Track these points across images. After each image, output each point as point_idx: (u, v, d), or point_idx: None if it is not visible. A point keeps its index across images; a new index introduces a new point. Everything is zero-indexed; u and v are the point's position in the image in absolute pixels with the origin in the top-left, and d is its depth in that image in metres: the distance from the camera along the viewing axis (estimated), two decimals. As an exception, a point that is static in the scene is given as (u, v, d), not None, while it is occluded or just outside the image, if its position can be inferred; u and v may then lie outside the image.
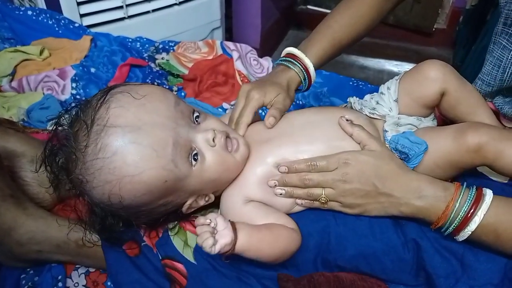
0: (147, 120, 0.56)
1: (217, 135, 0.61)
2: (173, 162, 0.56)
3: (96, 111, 0.56)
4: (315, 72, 0.77)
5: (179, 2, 1.52)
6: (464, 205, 0.58)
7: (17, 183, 0.72)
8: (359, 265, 0.63)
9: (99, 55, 1.13)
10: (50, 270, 0.68)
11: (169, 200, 0.60)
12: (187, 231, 0.65)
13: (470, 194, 0.58)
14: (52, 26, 1.21)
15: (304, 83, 0.77)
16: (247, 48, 1.18)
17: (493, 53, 0.72)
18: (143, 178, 0.55)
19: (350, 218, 0.65)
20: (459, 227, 0.58)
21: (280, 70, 0.76)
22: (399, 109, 0.71)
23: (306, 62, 0.75)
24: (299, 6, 2.44)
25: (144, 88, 0.59)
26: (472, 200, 0.58)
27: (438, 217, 0.59)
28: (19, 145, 0.75)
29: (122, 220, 0.61)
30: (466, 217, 0.57)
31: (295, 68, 0.75)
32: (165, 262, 0.64)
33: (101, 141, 0.54)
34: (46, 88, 1.04)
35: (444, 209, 0.58)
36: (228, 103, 1.04)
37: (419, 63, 0.71)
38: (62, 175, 0.59)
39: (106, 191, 0.56)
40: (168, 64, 1.13)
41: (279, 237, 0.60)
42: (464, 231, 0.58)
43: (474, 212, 0.57)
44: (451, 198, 0.59)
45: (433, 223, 0.60)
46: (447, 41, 2.13)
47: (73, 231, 0.65)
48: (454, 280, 0.60)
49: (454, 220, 0.58)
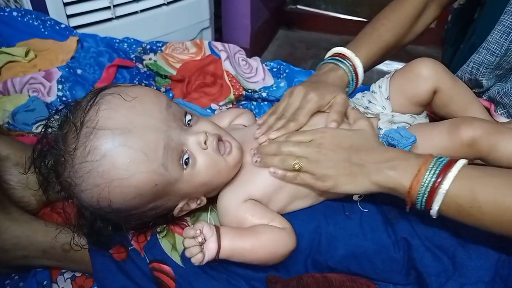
0: (138, 122, 0.55)
1: (209, 138, 0.60)
2: (163, 165, 0.56)
3: (86, 113, 0.55)
4: (363, 74, 0.75)
5: (167, 2, 1.52)
6: (435, 170, 0.55)
7: (1, 187, 0.70)
8: (349, 266, 0.63)
9: (85, 56, 1.11)
10: (35, 275, 0.67)
11: (159, 203, 0.60)
12: (176, 234, 0.64)
13: (442, 160, 0.56)
14: (38, 27, 1.19)
15: (352, 84, 0.75)
16: (236, 48, 1.17)
17: (502, 22, 0.72)
18: (132, 182, 0.54)
19: (341, 218, 0.64)
20: (432, 191, 0.54)
21: (329, 69, 0.74)
22: (392, 107, 0.71)
23: (355, 62, 0.74)
24: (289, 5, 2.45)
25: (135, 90, 0.58)
26: (444, 165, 0.55)
27: (410, 184, 0.56)
28: (3, 148, 0.73)
29: (112, 224, 0.60)
30: (437, 180, 0.54)
31: (344, 67, 0.73)
32: (153, 266, 0.63)
33: (90, 143, 0.53)
34: (32, 90, 1.02)
35: (416, 173, 0.55)
36: (216, 103, 1.03)
37: (410, 61, 0.71)
38: (51, 178, 0.58)
39: (95, 194, 0.55)
40: (155, 65, 1.12)
41: (265, 240, 0.60)
42: (438, 194, 0.54)
43: (447, 172, 0.54)
44: (422, 163, 0.56)
45: (407, 192, 0.56)
46: (435, 40, 2.14)
47: (59, 235, 0.64)
48: (445, 278, 0.60)
49: (426, 185, 0.54)
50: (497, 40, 0.73)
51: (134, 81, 1.07)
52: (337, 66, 0.73)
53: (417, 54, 2.53)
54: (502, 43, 0.72)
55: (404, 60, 2.52)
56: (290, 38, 2.42)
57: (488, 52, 0.75)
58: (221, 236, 0.58)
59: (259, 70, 1.13)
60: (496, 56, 0.74)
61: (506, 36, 0.71)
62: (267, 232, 0.60)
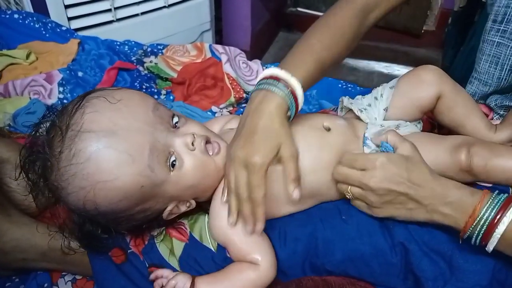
0: (123, 125, 0.55)
1: (196, 139, 0.60)
2: (149, 167, 0.55)
3: (71, 117, 0.55)
4: (303, 97, 0.62)
5: (168, 4, 1.52)
6: (492, 209, 0.55)
7: (2, 190, 0.71)
8: (347, 269, 0.63)
9: (86, 59, 1.12)
10: (35, 278, 0.68)
11: (147, 206, 0.59)
12: (173, 238, 0.64)
13: (499, 199, 0.56)
14: (39, 29, 1.20)
15: (292, 110, 0.61)
16: (236, 51, 1.18)
17: (485, 51, 0.74)
18: (118, 184, 0.54)
19: (337, 222, 0.64)
20: (486, 232, 0.55)
21: (262, 98, 0.60)
22: (388, 114, 0.72)
23: (293, 84, 0.60)
24: (289, 8, 2.45)
25: (121, 92, 0.58)
26: (500, 205, 0.55)
27: (465, 222, 0.57)
28: (4, 151, 0.73)
29: (101, 227, 0.60)
30: (493, 221, 0.55)
31: (279, 92, 0.59)
32: (152, 270, 0.63)
33: (75, 146, 0.53)
34: (33, 92, 1.02)
35: (471, 213, 0.56)
36: (217, 106, 1.03)
37: (414, 68, 0.73)
38: (41, 182, 0.58)
39: (81, 197, 0.55)
40: (156, 68, 1.12)
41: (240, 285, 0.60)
42: (492, 236, 0.55)
43: (503, 214, 0.55)
44: (478, 202, 0.56)
45: (461, 230, 0.58)
46: (436, 42, 2.14)
47: (58, 238, 0.64)
48: (442, 282, 0.60)
49: (481, 225, 0.55)
50: (486, 70, 0.75)
51: (135, 83, 1.08)
52: (270, 92, 0.59)
53: (417, 57, 2.51)
54: (492, 72, 0.74)
55: (404, 63, 2.50)
56: (291, 40, 2.43)
57: (480, 82, 0.77)
58: (196, 285, 0.59)
59: (259, 72, 1.14)
60: (490, 86, 0.76)
61: (494, 65, 0.73)
62: (243, 278, 0.60)
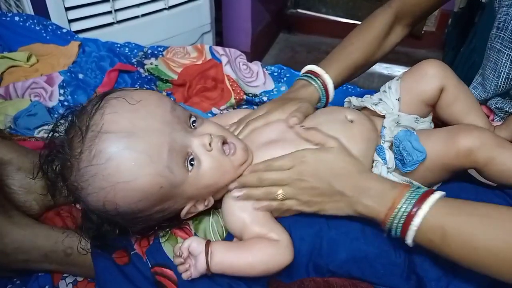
0: (142, 125, 0.56)
1: (213, 140, 0.60)
2: (168, 168, 0.56)
3: (91, 117, 0.56)
4: (333, 90, 0.80)
5: (168, 6, 1.52)
6: (410, 202, 0.56)
7: (3, 191, 0.71)
8: (350, 270, 0.63)
9: (87, 61, 1.12)
10: (37, 279, 0.68)
11: (166, 206, 0.60)
12: (178, 237, 0.64)
13: (418, 192, 0.56)
14: (40, 32, 1.20)
15: (323, 100, 0.79)
16: (236, 52, 1.18)
17: (489, 58, 0.76)
18: (137, 185, 0.55)
19: (343, 222, 0.64)
20: (405, 224, 0.55)
21: (301, 85, 0.79)
22: (401, 107, 0.72)
23: (326, 79, 0.78)
24: (289, 9, 2.45)
25: (139, 93, 0.59)
26: (418, 198, 0.56)
27: (385, 214, 0.57)
28: (5, 153, 0.73)
29: (119, 227, 0.61)
30: (410, 214, 0.55)
31: (315, 84, 0.78)
32: (155, 270, 0.63)
33: (95, 147, 0.54)
34: (34, 94, 1.02)
35: (390, 205, 0.57)
36: (217, 108, 1.03)
37: (418, 63, 0.73)
38: (59, 182, 0.59)
39: (101, 197, 0.55)
40: (157, 69, 1.12)
41: (258, 256, 0.60)
42: (409, 229, 0.55)
43: (419, 207, 0.55)
44: (397, 195, 0.57)
45: (382, 222, 0.58)
46: (436, 43, 2.15)
47: (61, 239, 0.64)
48: (445, 283, 0.60)
49: (399, 217, 0.56)
50: (487, 76, 0.77)
51: (135, 85, 1.08)
52: (308, 82, 0.78)
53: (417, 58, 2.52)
54: (491, 79, 0.76)
55: (405, 64, 2.51)
56: (291, 41, 2.43)
57: (482, 88, 0.78)
58: (212, 252, 0.58)
59: (259, 74, 1.14)
60: (488, 93, 0.77)
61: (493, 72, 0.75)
62: (261, 248, 0.60)
